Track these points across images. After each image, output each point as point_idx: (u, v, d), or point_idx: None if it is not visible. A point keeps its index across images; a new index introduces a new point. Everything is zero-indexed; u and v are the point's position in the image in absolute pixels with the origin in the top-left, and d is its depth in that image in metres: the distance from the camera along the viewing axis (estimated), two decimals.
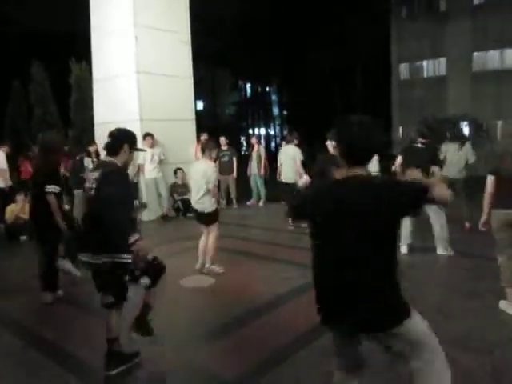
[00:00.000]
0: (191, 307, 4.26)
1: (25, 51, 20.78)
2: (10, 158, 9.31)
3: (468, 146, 7.24)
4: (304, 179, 4.72)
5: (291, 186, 7.99)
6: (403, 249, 5.82)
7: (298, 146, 8.55)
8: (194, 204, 5.28)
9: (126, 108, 9.03)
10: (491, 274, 4.86)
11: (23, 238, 7.46)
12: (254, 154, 10.30)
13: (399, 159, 5.97)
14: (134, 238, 3.05)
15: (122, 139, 3.24)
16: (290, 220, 7.36)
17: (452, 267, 5.28)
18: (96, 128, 9.89)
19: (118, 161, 3.16)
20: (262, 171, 10.20)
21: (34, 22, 22.47)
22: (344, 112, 28.06)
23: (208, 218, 5.24)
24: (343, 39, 26.95)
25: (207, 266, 5.33)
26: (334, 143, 7.36)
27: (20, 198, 7.66)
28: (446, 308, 3.95)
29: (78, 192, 8.20)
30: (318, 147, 10.72)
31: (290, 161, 8.35)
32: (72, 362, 3.29)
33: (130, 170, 8.68)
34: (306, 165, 8.38)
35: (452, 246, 5.70)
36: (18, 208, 7.61)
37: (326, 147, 6.29)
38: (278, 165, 8.72)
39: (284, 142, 9.17)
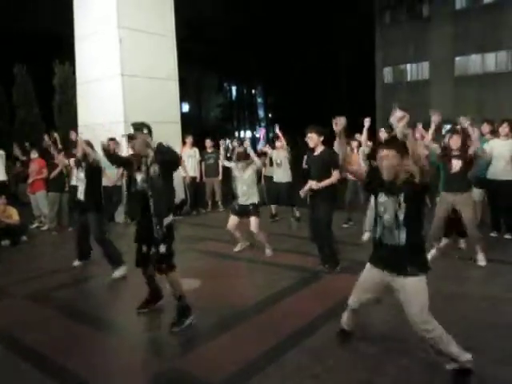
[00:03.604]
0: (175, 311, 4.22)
1: (7, 53, 20.47)
2: None
3: None
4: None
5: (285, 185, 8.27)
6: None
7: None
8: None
9: (111, 110, 8.95)
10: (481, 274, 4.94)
11: (5, 242, 7.32)
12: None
13: None
14: None
15: None
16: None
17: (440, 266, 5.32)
18: (80, 130, 9.77)
19: None
20: None
21: (17, 24, 22.18)
22: (328, 114, 28.24)
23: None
24: (328, 43, 27.16)
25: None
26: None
27: (0, 201, 7.51)
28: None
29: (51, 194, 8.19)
30: (302, 148, 10.78)
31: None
32: (53, 367, 3.22)
33: (114, 173, 8.62)
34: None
35: None
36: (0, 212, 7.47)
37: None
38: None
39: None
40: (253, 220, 5.94)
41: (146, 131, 3.82)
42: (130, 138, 3.84)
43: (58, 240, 7.69)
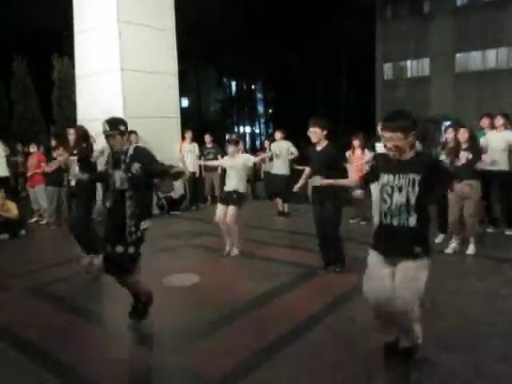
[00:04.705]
0: (174, 306, 4.22)
1: (6, 47, 20.38)
2: None
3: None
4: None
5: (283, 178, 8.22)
6: None
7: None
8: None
9: (110, 105, 8.89)
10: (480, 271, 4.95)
11: (4, 236, 7.31)
12: None
13: None
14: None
15: None
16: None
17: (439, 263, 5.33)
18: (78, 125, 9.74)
19: None
20: None
21: (16, 18, 22.06)
22: (328, 110, 28.25)
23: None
24: (328, 38, 27.08)
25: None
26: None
27: None
28: (428, 305, 3.98)
29: (50, 188, 8.12)
30: (302, 143, 10.78)
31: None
32: (53, 363, 3.22)
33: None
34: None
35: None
36: None
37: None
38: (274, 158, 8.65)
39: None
40: (231, 209, 5.74)
41: (122, 128, 3.66)
42: (109, 136, 3.62)
43: (56, 234, 7.69)
